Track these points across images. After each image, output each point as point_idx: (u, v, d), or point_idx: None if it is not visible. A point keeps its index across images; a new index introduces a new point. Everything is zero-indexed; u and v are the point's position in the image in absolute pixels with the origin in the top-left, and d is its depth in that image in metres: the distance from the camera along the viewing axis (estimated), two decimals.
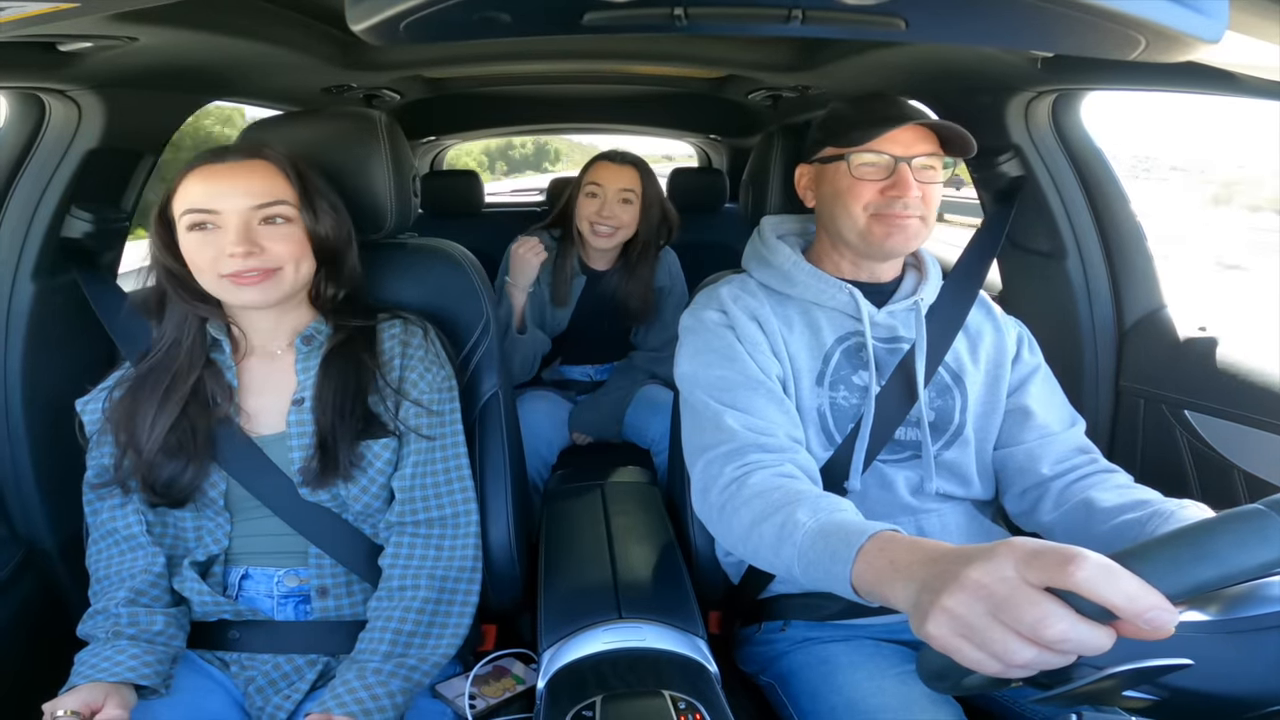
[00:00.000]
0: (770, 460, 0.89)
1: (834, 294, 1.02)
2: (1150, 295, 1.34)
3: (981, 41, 0.94)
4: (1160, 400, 1.27)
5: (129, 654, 0.85)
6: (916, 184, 0.96)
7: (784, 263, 1.05)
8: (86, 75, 1.02)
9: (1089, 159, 1.33)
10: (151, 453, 0.91)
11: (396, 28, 0.55)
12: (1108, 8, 0.51)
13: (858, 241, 1.00)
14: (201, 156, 0.92)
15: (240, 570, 0.97)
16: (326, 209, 0.97)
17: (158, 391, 0.93)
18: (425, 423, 0.99)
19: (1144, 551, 0.47)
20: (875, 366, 1.00)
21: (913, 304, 1.03)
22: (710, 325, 1.02)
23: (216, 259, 0.89)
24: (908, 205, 0.96)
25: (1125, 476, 0.97)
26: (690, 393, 1.00)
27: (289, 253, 0.92)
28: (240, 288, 0.90)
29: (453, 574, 0.97)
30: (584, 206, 1.78)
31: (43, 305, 1.14)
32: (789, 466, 0.89)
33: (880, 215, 0.97)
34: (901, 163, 0.96)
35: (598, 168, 1.80)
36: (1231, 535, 0.45)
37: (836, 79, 1.53)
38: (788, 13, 0.54)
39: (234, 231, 0.89)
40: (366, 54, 1.47)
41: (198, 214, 0.89)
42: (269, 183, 0.92)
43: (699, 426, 0.97)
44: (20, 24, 0.64)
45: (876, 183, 0.97)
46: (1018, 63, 1.14)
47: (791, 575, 0.76)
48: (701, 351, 1.01)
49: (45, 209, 1.13)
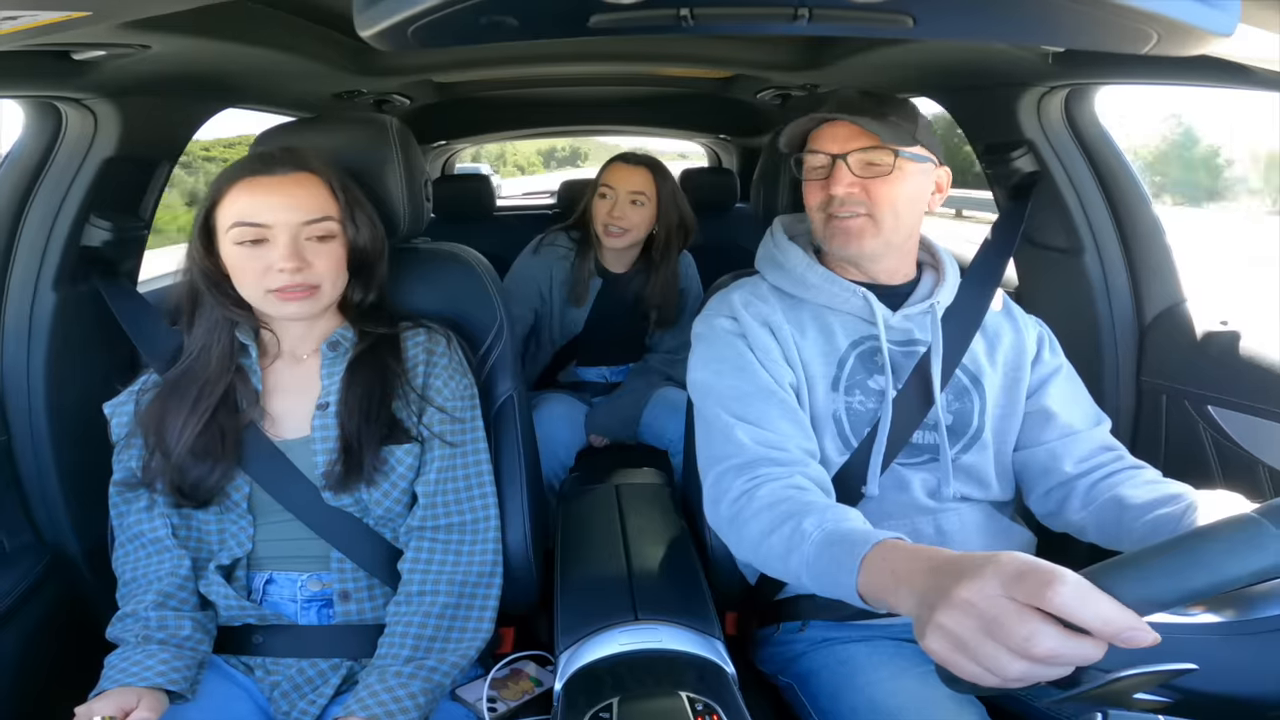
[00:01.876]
0: (780, 473, 0.89)
1: (847, 298, 1.01)
2: (1170, 289, 1.32)
3: (990, 38, 0.93)
4: (1183, 395, 1.25)
5: (159, 658, 0.86)
6: (856, 179, 0.95)
7: (797, 265, 1.04)
8: (101, 84, 1.04)
9: (1104, 153, 1.32)
10: (180, 455, 0.92)
11: (404, 33, 0.56)
12: (1119, 2, 0.51)
13: (823, 245, 1.01)
14: (247, 166, 0.93)
15: (264, 575, 0.97)
16: (365, 220, 0.99)
17: (188, 397, 0.94)
18: (449, 429, 1.00)
19: (1139, 559, 0.48)
20: (891, 370, 0.99)
21: (928, 307, 1.02)
22: (722, 334, 1.02)
23: (265, 273, 0.91)
24: (844, 203, 0.95)
25: (1154, 472, 0.95)
26: (702, 403, 1.00)
27: (331, 269, 0.94)
28: (284, 302, 0.92)
29: (472, 578, 0.97)
30: (597, 208, 1.79)
31: (64, 314, 1.16)
32: (799, 478, 0.89)
33: (830, 216, 0.98)
34: (838, 160, 0.95)
35: (610, 169, 1.80)
36: (1225, 543, 0.45)
37: (845, 77, 1.53)
38: (794, 11, 0.54)
39: (284, 247, 0.90)
40: (376, 59, 1.48)
41: (248, 228, 0.90)
42: (317, 198, 0.93)
43: (710, 439, 0.97)
44: (34, 32, 0.65)
45: (820, 182, 0.98)
46: (1028, 58, 1.12)
47: (802, 585, 0.78)
48: (713, 361, 1.00)
49: (65, 218, 1.14)
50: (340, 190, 0.96)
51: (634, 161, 1.80)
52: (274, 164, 0.93)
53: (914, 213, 1.00)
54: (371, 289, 1.03)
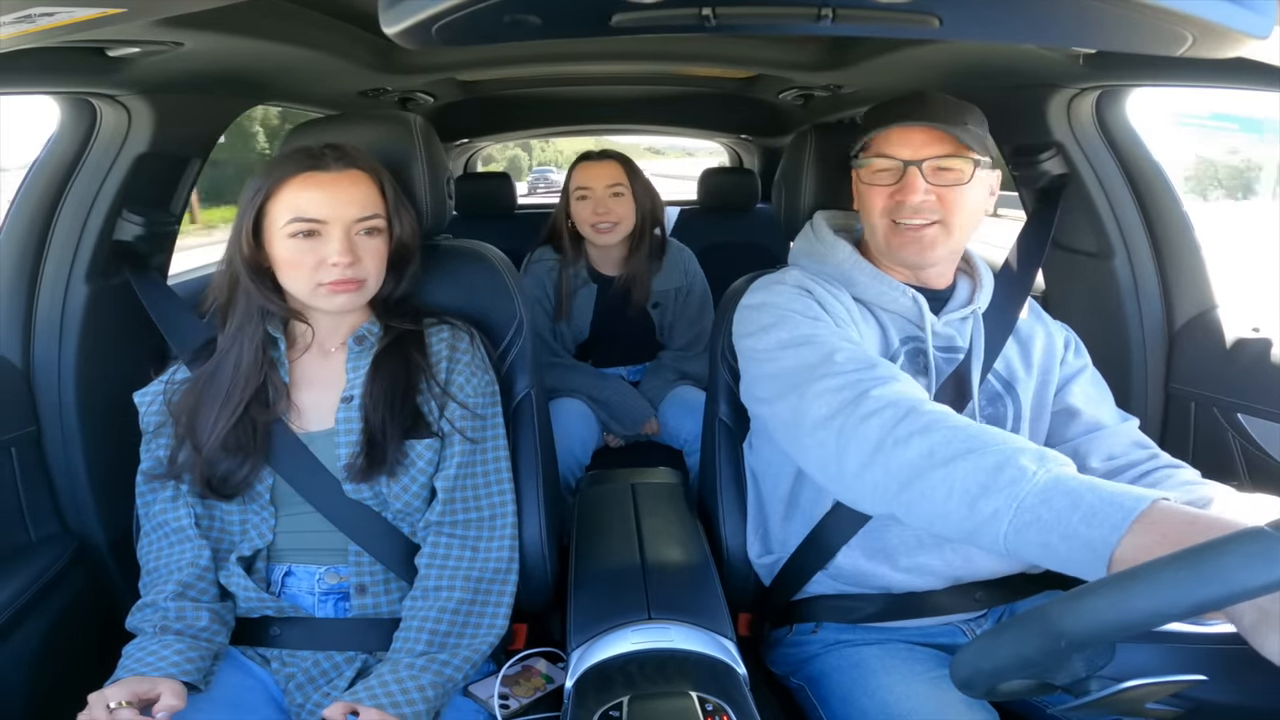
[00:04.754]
0: (911, 389, 0.80)
1: (896, 297, 0.98)
2: (1202, 295, 1.29)
3: (1020, 39, 0.91)
4: (1212, 403, 1.22)
5: (174, 649, 0.88)
6: (930, 187, 0.92)
7: (843, 261, 1.00)
8: (135, 80, 1.06)
9: (1136, 156, 1.29)
10: (211, 449, 0.94)
11: (428, 31, 0.56)
12: (1153, 4, 0.50)
13: (881, 252, 0.98)
14: (299, 162, 0.94)
15: (284, 567, 0.99)
16: (407, 216, 1.02)
17: (221, 391, 0.96)
18: (470, 426, 1.01)
19: (1149, 571, 0.47)
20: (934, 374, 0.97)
21: (970, 313, 1.00)
22: (786, 296, 0.96)
23: (318, 266, 0.93)
24: (917, 210, 0.92)
25: (1191, 472, 0.92)
26: (772, 359, 0.90)
27: (377, 263, 0.98)
28: (334, 294, 0.94)
29: (488, 575, 0.98)
30: (579, 211, 1.81)
31: (96, 306, 1.19)
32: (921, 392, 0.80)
33: (896, 223, 0.94)
34: (911, 166, 0.92)
35: (581, 170, 1.83)
36: (1236, 557, 0.45)
37: (869, 77, 1.51)
38: (818, 11, 0.53)
39: (338, 241, 0.93)
40: (401, 58, 1.50)
41: (306, 223, 0.92)
42: (369, 195, 0.97)
43: (802, 415, 0.83)
44: (70, 29, 0.66)
45: (887, 188, 0.95)
46: (1058, 59, 1.10)
47: (973, 532, 0.65)
48: (781, 320, 0.92)
49: (98, 213, 1.17)
50: (388, 187, 0.99)
51: (600, 158, 1.84)
52: (327, 161, 0.95)
53: (979, 219, 0.98)
54: (403, 283, 1.05)
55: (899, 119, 0.94)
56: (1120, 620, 0.47)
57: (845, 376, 0.81)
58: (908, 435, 0.72)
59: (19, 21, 0.61)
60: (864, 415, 0.77)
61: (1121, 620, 0.47)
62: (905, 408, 0.75)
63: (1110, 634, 0.48)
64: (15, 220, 1.16)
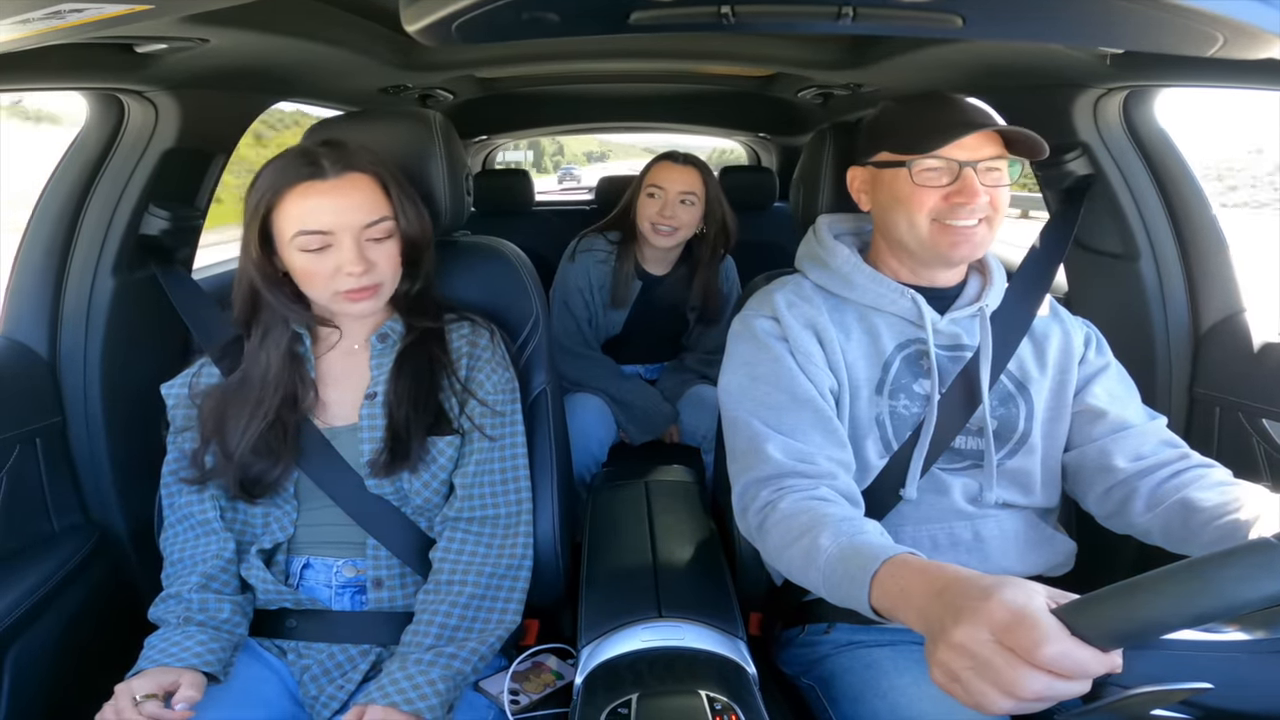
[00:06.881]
0: (805, 485, 0.88)
1: (895, 299, 0.98)
2: (1229, 298, 1.26)
3: (1044, 39, 0.90)
4: (1237, 408, 1.20)
5: (197, 640, 0.89)
6: (983, 189, 0.92)
7: (842, 265, 1.01)
8: (162, 76, 1.07)
9: (1164, 157, 1.27)
10: (243, 454, 0.95)
11: (448, 28, 0.57)
12: (1184, 4, 0.49)
13: (920, 249, 0.97)
14: (297, 170, 0.93)
15: (302, 560, 1.00)
16: (414, 211, 1.00)
17: (250, 398, 0.97)
18: (489, 423, 1.01)
19: (1154, 583, 0.48)
20: (938, 375, 0.97)
21: (976, 310, 0.99)
22: (761, 335, 0.99)
23: (333, 276, 0.93)
24: (974, 211, 0.92)
25: (1224, 472, 0.90)
26: (735, 409, 0.97)
27: (391, 265, 0.97)
28: (352, 302, 0.95)
29: (500, 570, 0.98)
30: (645, 207, 1.78)
31: (122, 299, 1.20)
32: (824, 490, 0.88)
33: (945, 224, 0.93)
34: (966, 168, 0.91)
35: (658, 169, 1.79)
36: (1239, 569, 0.46)
37: (890, 76, 1.50)
38: (838, 10, 0.53)
39: (349, 251, 0.92)
40: (421, 55, 1.50)
41: (313, 235, 0.92)
42: (373, 199, 0.95)
43: (740, 447, 0.95)
44: (99, 25, 0.68)
45: (940, 189, 0.93)
46: (1085, 59, 1.09)
47: (818, 589, 0.79)
48: (750, 364, 0.98)
49: (125, 207, 1.19)
50: (392, 185, 0.98)
51: (682, 161, 1.79)
52: (324, 167, 0.93)
53: None
54: (419, 279, 1.04)
55: (964, 128, 0.91)
56: (1124, 629, 0.49)
57: (758, 472, 0.92)
58: (777, 523, 0.86)
59: (49, 17, 0.62)
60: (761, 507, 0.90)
61: (1126, 629, 0.49)
62: (799, 510, 0.86)
63: (1116, 642, 0.50)
64: (43, 214, 1.18)
